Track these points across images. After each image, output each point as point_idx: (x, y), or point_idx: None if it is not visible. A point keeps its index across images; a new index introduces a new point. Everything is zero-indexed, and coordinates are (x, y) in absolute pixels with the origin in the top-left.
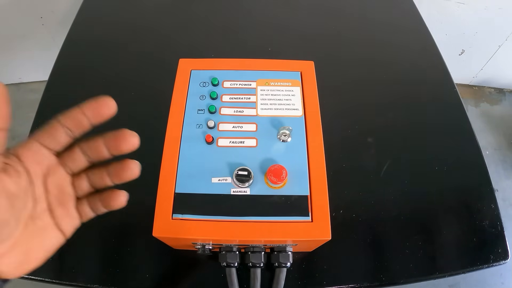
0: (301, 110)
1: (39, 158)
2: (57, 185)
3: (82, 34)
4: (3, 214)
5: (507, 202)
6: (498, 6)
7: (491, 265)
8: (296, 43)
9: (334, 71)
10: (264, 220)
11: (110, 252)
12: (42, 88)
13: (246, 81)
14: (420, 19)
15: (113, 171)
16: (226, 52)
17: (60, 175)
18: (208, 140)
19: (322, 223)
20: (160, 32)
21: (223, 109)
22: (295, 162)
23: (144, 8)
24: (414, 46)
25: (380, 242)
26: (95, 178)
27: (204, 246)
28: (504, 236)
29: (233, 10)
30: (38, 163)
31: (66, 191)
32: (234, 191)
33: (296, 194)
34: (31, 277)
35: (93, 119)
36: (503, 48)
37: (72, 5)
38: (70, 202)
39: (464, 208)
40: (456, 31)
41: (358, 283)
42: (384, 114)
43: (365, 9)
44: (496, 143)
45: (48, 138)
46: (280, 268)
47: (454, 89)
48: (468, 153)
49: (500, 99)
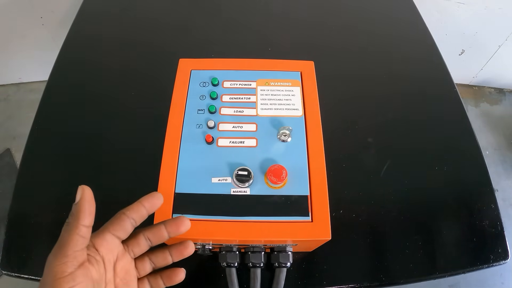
0: (301, 110)
1: (111, 247)
2: (124, 269)
3: (82, 34)
4: None
5: (507, 202)
6: (498, 6)
7: (491, 265)
8: (296, 43)
9: (334, 71)
10: (264, 220)
11: None
12: (42, 88)
13: (246, 81)
14: (420, 19)
15: (175, 251)
16: (226, 52)
17: (126, 259)
18: (208, 140)
19: (322, 223)
20: (160, 32)
21: (223, 109)
22: (295, 162)
23: (144, 8)
24: (414, 46)
25: (380, 242)
26: (158, 259)
27: (204, 246)
28: (504, 236)
29: (233, 10)
30: (111, 251)
31: (131, 273)
32: (234, 191)
33: (296, 194)
34: (31, 277)
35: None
36: (503, 48)
37: (72, 5)
38: (133, 282)
39: (464, 208)
40: (456, 31)
41: (358, 283)
42: (384, 114)
43: (365, 9)
44: (496, 143)
45: (119, 229)
46: (280, 268)
47: (454, 89)
48: (468, 153)
49: (500, 99)
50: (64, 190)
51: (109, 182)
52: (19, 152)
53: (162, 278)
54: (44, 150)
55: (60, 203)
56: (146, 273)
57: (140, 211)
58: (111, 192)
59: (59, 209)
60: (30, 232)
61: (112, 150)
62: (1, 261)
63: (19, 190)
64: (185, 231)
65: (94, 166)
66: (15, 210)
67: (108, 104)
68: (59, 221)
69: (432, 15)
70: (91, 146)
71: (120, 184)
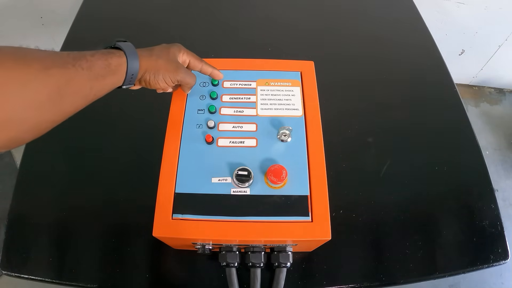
0: (301, 110)
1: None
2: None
3: (82, 34)
4: None
5: (507, 202)
6: (498, 6)
7: (491, 265)
8: (296, 43)
9: (334, 71)
10: (264, 220)
11: (110, 252)
12: None
13: (246, 81)
14: (420, 19)
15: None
16: (226, 52)
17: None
18: (208, 140)
19: (322, 223)
20: (160, 32)
21: (223, 109)
22: (295, 162)
23: (144, 8)
24: (414, 46)
25: (380, 242)
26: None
27: (204, 246)
28: (504, 236)
29: (233, 10)
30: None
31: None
32: (234, 191)
33: (296, 194)
34: (31, 277)
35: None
36: (503, 48)
37: (72, 5)
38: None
39: (464, 208)
40: (456, 31)
41: (358, 283)
42: (384, 114)
43: (365, 9)
44: (496, 143)
45: (189, 79)
46: (280, 268)
47: (454, 89)
48: (468, 153)
49: (500, 99)
50: (64, 190)
51: (109, 181)
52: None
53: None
54: (44, 150)
55: (60, 203)
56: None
57: (203, 70)
58: (111, 192)
59: (59, 209)
60: (30, 232)
61: (112, 150)
62: (1, 261)
63: (19, 190)
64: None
65: (94, 166)
66: (15, 210)
67: (108, 104)
68: (59, 221)
69: (432, 15)
70: (91, 146)
71: (120, 183)
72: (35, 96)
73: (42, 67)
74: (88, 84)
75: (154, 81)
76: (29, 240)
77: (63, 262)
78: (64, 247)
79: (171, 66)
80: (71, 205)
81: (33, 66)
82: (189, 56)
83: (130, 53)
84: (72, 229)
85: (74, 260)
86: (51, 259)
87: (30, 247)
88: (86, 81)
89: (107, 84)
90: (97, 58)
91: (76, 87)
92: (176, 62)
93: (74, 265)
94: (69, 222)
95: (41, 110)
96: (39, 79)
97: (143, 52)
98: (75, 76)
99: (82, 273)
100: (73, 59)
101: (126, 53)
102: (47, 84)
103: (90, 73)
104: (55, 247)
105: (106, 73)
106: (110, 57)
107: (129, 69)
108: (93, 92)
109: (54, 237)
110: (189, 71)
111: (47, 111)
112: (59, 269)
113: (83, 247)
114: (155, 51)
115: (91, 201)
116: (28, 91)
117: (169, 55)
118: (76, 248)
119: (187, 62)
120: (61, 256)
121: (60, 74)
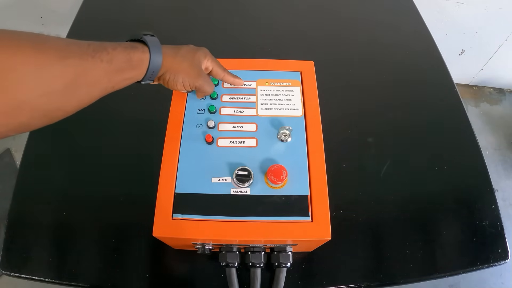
0: (301, 110)
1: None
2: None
3: (82, 34)
4: None
5: (507, 202)
6: (498, 6)
7: (491, 265)
8: (296, 43)
9: (334, 71)
10: (264, 220)
11: (110, 252)
12: None
13: (246, 81)
14: (420, 19)
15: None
16: (226, 52)
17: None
18: (208, 140)
19: (322, 223)
20: (160, 32)
21: (223, 109)
22: (295, 162)
23: (144, 8)
24: (414, 46)
25: (380, 242)
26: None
27: (204, 246)
28: (504, 236)
29: (233, 10)
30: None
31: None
32: (234, 191)
33: (296, 194)
34: (31, 277)
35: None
36: (503, 48)
37: (72, 5)
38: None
39: (464, 208)
40: (456, 31)
41: (358, 283)
42: (384, 114)
43: (365, 9)
44: (496, 143)
45: (208, 86)
46: (280, 268)
47: (454, 89)
48: (468, 153)
49: (500, 99)
50: (64, 190)
51: (110, 181)
52: (19, 152)
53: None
54: (44, 150)
55: (60, 203)
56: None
57: (225, 79)
58: (111, 192)
59: (59, 209)
60: (30, 232)
61: (112, 150)
62: (1, 261)
63: (19, 190)
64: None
65: (94, 166)
66: (15, 210)
67: (108, 105)
68: (59, 221)
69: (432, 15)
70: (91, 146)
71: (120, 183)
72: (49, 84)
73: (60, 56)
74: (106, 77)
75: (173, 82)
76: (29, 240)
77: (63, 262)
78: (64, 247)
79: (193, 71)
80: (71, 205)
81: (50, 54)
82: (213, 64)
83: (154, 49)
84: (72, 229)
85: (74, 260)
86: (51, 259)
87: (30, 247)
88: (104, 73)
89: (126, 78)
90: (118, 52)
91: (93, 79)
92: (199, 68)
93: (74, 265)
94: (69, 222)
95: (54, 98)
96: (55, 67)
97: (168, 50)
98: (93, 68)
99: (82, 273)
100: (93, 51)
101: (150, 49)
102: (63, 74)
103: (110, 66)
104: (55, 247)
105: (126, 67)
106: (133, 51)
107: (151, 66)
108: (111, 84)
109: (54, 237)
110: (209, 79)
111: (60, 100)
112: (59, 269)
113: (83, 247)
114: (181, 51)
115: (91, 201)
116: (43, 78)
117: (194, 59)
118: (76, 248)
119: (209, 69)
120: (61, 256)
121: (77, 64)
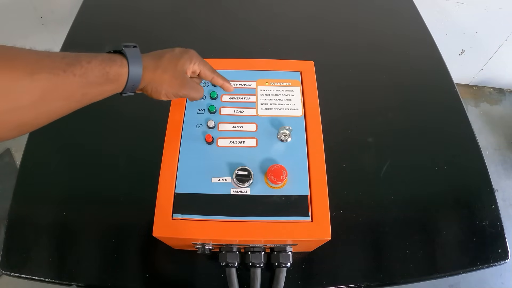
0: (301, 110)
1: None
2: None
3: (82, 34)
4: None
5: (507, 202)
6: (498, 6)
7: (491, 265)
8: (296, 43)
9: (334, 71)
10: (264, 220)
11: (110, 252)
12: None
13: (246, 81)
14: (420, 19)
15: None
16: (226, 52)
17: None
18: (208, 140)
19: (322, 223)
20: (160, 32)
21: (223, 109)
22: (295, 162)
23: (144, 8)
24: (414, 46)
25: (380, 242)
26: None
27: (204, 246)
28: (504, 236)
29: (233, 10)
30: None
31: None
32: (234, 191)
33: (296, 194)
34: (31, 277)
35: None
36: (503, 48)
37: (72, 5)
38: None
39: (464, 208)
40: (456, 31)
41: (358, 283)
42: (384, 114)
43: (365, 9)
44: (496, 143)
45: (197, 90)
46: (280, 268)
47: (454, 89)
48: (468, 153)
49: (500, 99)
50: (64, 190)
51: (110, 182)
52: (19, 152)
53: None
54: (44, 150)
55: (60, 203)
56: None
57: (214, 82)
58: (111, 192)
59: (59, 209)
60: (30, 232)
61: (112, 150)
62: (1, 261)
63: (19, 190)
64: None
65: (94, 166)
66: (15, 210)
67: (108, 105)
68: (59, 221)
69: (432, 15)
70: (91, 146)
71: (120, 183)
72: (17, 100)
73: (29, 71)
74: (80, 90)
75: (156, 93)
76: (29, 240)
77: (63, 262)
78: (64, 247)
79: (176, 82)
80: (71, 205)
81: (19, 70)
82: (200, 66)
83: (133, 62)
84: (72, 229)
85: (74, 260)
86: (51, 259)
87: (30, 247)
88: (77, 87)
89: (105, 90)
90: (94, 65)
91: (65, 93)
92: (182, 77)
93: (74, 265)
94: (69, 222)
95: (23, 113)
96: (23, 83)
97: (148, 62)
98: (64, 82)
99: (82, 273)
100: (66, 65)
101: (129, 62)
102: (31, 90)
103: (83, 80)
104: (55, 247)
105: (103, 81)
106: (109, 65)
107: (130, 79)
108: (88, 97)
109: (54, 237)
110: (196, 85)
111: (31, 114)
112: (59, 269)
113: (83, 247)
114: (163, 62)
115: (91, 201)
116: (10, 95)
117: (176, 68)
118: (76, 248)
119: (197, 72)
120: (61, 256)
121: (46, 79)
